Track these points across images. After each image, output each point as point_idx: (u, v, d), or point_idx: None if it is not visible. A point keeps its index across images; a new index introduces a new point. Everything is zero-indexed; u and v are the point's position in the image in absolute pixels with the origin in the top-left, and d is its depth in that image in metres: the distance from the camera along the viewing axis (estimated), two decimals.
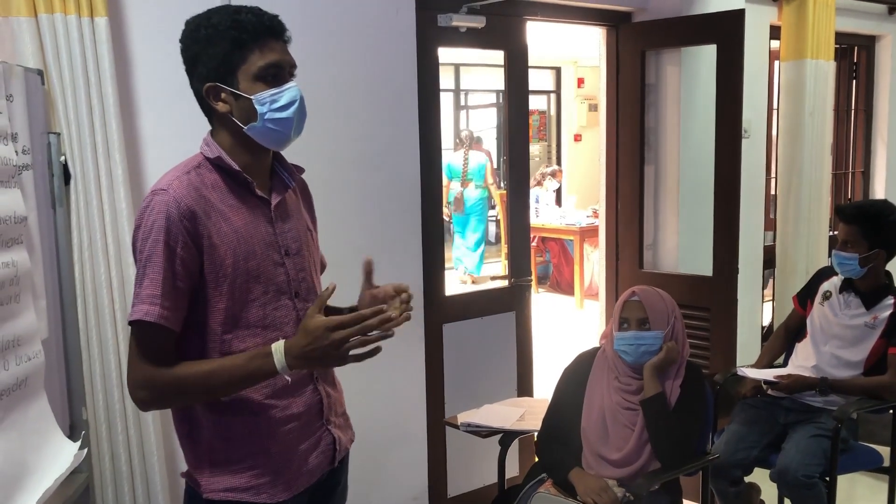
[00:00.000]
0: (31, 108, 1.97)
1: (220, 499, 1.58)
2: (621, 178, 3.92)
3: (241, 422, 1.58)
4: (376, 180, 2.96)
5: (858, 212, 3.02)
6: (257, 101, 1.54)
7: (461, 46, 3.28)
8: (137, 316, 1.46)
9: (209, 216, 1.52)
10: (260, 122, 1.55)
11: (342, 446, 1.76)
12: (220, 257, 1.52)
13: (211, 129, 1.62)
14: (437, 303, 3.20)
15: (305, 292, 1.66)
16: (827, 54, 4.38)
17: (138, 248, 1.50)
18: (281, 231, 1.63)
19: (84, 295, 2.32)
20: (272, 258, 1.60)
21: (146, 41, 2.44)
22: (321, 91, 2.79)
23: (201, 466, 1.60)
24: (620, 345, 2.51)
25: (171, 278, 1.47)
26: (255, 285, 1.57)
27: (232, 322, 1.55)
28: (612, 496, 2.35)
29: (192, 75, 1.58)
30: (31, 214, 1.94)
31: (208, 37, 1.53)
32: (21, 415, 1.75)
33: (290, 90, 1.56)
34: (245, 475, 1.58)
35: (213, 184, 1.56)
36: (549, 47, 8.73)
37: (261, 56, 1.54)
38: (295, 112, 1.56)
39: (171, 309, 1.48)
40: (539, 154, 10.60)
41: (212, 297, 1.53)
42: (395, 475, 3.15)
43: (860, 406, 2.91)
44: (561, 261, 8.14)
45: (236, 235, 1.55)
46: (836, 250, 3.04)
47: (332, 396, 1.73)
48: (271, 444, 1.60)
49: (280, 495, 1.61)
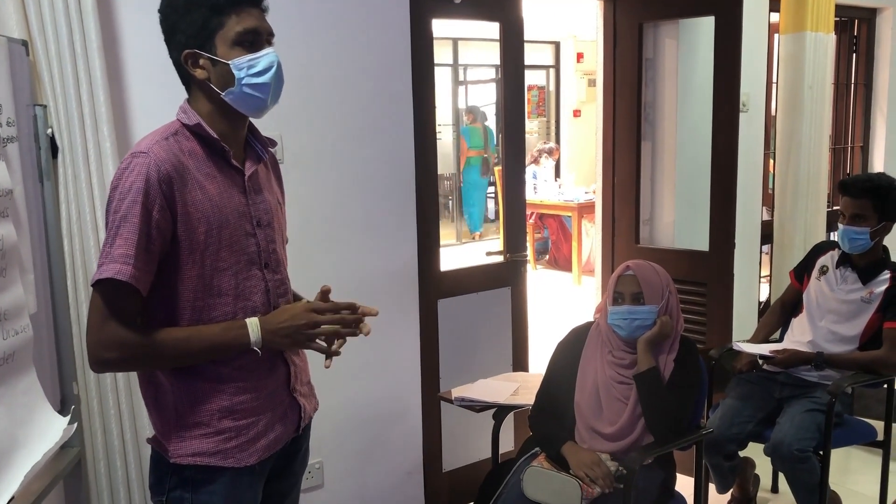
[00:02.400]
0: (15, 79, 1.94)
1: (188, 463, 1.59)
2: (618, 152, 3.89)
3: (208, 387, 1.59)
4: (370, 155, 2.94)
5: (870, 184, 2.99)
6: (235, 66, 1.55)
7: (455, 18, 3.23)
8: (109, 274, 1.46)
9: (186, 183, 1.53)
10: (237, 88, 1.56)
11: (306, 414, 1.78)
12: (193, 224, 1.53)
13: (188, 97, 1.63)
14: (432, 278, 3.19)
15: (275, 264, 1.69)
16: (827, 27, 4.33)
17: (113, 209, 1.49)
18: (253, 202, 1.65)
19: (73, 269, 2.30)
20: (244, 228, 1.61)
21: (133, 11, 2.40)
22: (312, 64, 2.75)
23: (168, 431, 1.61)
24: (614, 319, 2.50)
25: (145, 241, 1.48)
26: (227, 254, 1.58)
27: (204, 289, 1.56)
28: (605, 470, 2.36)
29: (170, 44, 1.59)
30: (18, 188, 1.92)
31: (187, 4, 1.54)
32: (9, 389, 1.74)
33: (268, 55, 1.58)
34: (212, 439, 1.60)
35: (191, 151, 1.57)
36: (549, 22, 8.66)
37: (238, 21, 1.55)
38: (272, 77, 1.57)
39: (143, 271, 1.48)
40: (538, 130, 10.54)
41: (184, 264, 1.54)
42: (390, 450, 3.15)
43: (855, 380, 2.91)
44: (559, 237, 8.13)
45: (211, 203, 1.56)
46: (845, 225, 2.99)
47: (297, 366, 1.76)
48: (238, 410, 1.61)
49: (247, 460, 1.63)
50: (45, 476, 1.98)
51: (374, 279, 2.97)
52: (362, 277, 2.93)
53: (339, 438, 2.97)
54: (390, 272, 3.03)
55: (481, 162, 9.41)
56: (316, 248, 2.78)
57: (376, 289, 2.97)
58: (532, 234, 7.78)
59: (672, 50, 3.87)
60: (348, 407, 2.98)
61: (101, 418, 2.38)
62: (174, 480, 1.61)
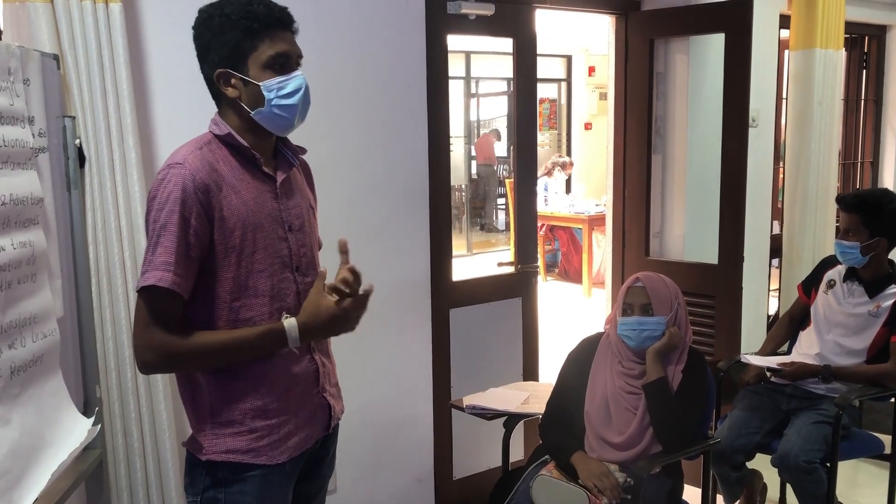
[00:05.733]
0: (47, 91, 2.01)
1: (222, 460, 1.65)
2: (629, 165, 3.94)
3: (242, 386, 1.65)
4: (385, 166, 3.00)
5: (859, 200, 3.05)
6: (265, 87, 1.61)
7: (470, 34, 3.30)
8: (151, 281, 1.53)
9: (221, 189, 1.59)
10: (267, 108, 1.62)
11: (336, 414, 1.83)
12: (229, 229, 1.60)
13: (218, 110, 1.70)
14: (445, 288, 3.24)
15: (305, 267, 1.75)
16: (836, 44, 4.37)
17: (152, 218, 1.56)
18: (285, 207, 1.71)
19: (98, 275, 2.37)
20: (277, 233, 1.68)
21: (160, 27, 2.48)
22: (331, 78, 2.82)
23: (203, 428, 1.67)
24: (623, 330, 2.54)
25: (185, 248, 1.55)
26: (262, 256, 1.64)
27: (240, 290, 1.62)
28: (614, 481, 2.39)
29: (203, 61, 1.65)
30: (47, 196, 1.98)
31: (221, 25, 1.60)
32: (38, 390, 1.80)
33: (296, 78, 1.64)
34: (245, 437, 1.65)
35: (224, 159, 1.64)
36: (561, 35, 8.71)
37: (271, 45, 1.61)
38: (300, 99, 1.64)
39: (183, 276, 1.55)
40: (549, 143, 10.59)
41: (220, 267, 1.60)
42: (401, 456, 3.20)
43: (862, 393, 2.94)
44: (570, 249, 8.16)
45: (246, 208, 1.62)
46: (837, 239, 3.06)
47: (326, 366, 1.82)
48: (270, 409, 1.67)
49: (278, 457, 1.69)
50: (68, 476, 2.02)
51: (388, 288, 3.02)
52: (376, 286, 2.97)
53: (350, 444, 3.01)
54: (404, 281, 3.09)
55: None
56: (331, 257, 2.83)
57: (390, 298, 3.02)
58: (542, 246, 7.82)
59: (683, 65, 3.92)
60: (360, 413, 3.02)
61: (121, 421, 2.44)
62: (208, 481, 1.67)
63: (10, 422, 1.65)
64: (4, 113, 1.73)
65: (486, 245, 9.78)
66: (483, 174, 10.55)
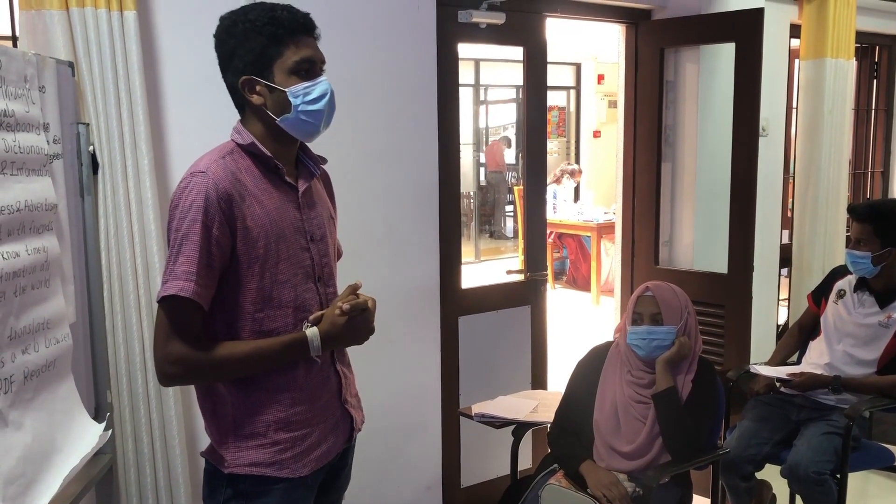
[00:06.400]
0: (61, 98, 2.03)
1: (245, 473, 1.62)
2: (638, 174, 3.94)
3: (265, 398, 1.63)
4: (395, 174, 3.01)
5: (871, 210, 3.04)
6: (291, 93, 1.60)
7: (481, 42, 3.31)
8: (172, 291, 1.51)
9: (244, 199, 1.58)
10: (293, 114, 1.61)
11: (357, 425, 1.83)
12: (252, 239, 1.58)
13: (241, 118, 1.68)
14: (454, 296, 3.24)
15: (327, 277, 1.74)
16: (847, 53, 4.37)
17: (174, 227, 1.54)
18: (307, 217, 1.69)
19: (110, 281, 2.38)
20: (299, 243, 1.66)
21: (173, 35, 2.50)
22: (342, 85, 2.80)
23: (226, 441, 1.64)
24: (633, 339, 2.54)
25: (206, 257, 1.53)
26: (285, 266, 1.63)
27: (264, 301, 1.60)
28: (622, 491, 2.38)
29: (226, 69, 1.63)
30: (61, 202, 1.99)
31: (245, 32, 1.59)
32: (50, 395, 1.81)
33: (322, 83, 1.64)
34: (269, 450, 1.63)
35: (247, 168, 1.62)
36: (570, 43, 8.73)
37: (296, 51, 1.61)
38: (326, 104, 1.63)
39: (204, 286, 1.53)
40: (558, 150, 10.60)
41: (244, 277, 1.58)
42: (410, 464, 3.20)
43: (873, 404, 2.92)
44: (578, 257, 8.15)
45: (269, 218, 1.60)
46: (848, 249, 3.05)
47: (348, 377, 1.80)
48: (294, 421, 1.65)
49: (301, 470, 1.66)
50: (79, 481, 2.04)
51: (397, 295, 3.03)
52: (385, 293, 2.97)
53: (358, 452, 2.97)
54: (413, 288, 3.09)
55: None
56: (341, 264, 2.84)
57: (399, 305, 3.03)
58: (551, 254, 7.81)
59: (693, 73, 3.92)
60: (368, 420, 2.98)
61: (132, 426, 2.45)
62: (228, 492, 1.64)
63: (22, 426, 1.66)
64: (20, 120, 1.75)
65: (494, 252, 9.78)
66: (492, 181, 10.57)
